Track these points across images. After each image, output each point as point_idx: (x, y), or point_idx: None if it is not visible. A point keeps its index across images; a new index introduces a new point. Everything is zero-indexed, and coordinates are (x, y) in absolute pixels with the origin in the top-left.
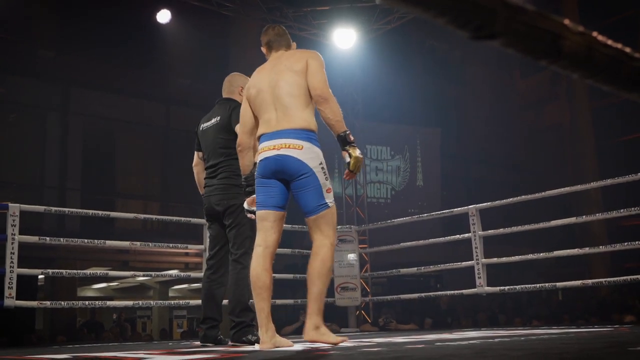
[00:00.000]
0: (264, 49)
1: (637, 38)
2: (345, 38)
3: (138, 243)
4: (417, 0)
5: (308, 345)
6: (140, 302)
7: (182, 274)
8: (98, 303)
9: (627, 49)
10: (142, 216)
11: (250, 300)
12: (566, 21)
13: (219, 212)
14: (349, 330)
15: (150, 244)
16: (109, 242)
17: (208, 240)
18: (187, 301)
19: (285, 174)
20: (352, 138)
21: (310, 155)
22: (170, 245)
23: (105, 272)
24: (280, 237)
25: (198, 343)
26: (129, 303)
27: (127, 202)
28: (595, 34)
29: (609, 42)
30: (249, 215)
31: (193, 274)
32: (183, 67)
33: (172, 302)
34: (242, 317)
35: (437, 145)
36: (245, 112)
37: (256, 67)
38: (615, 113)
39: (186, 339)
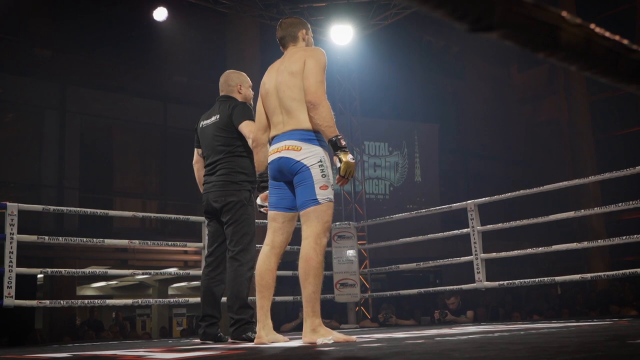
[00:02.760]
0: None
1: (634, 32)
2: (342, 34)
3: (137, 241)
4: None
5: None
6: (140, 301)
7: (181, 271)
8: (97, 302)
9: (625, 41)
10: (140, 214)
11: (250, 298)
12: (564, 13)
13: (217, 209)
14: (349, 326)
15: (148, 242)
16: (108, 241)
17: (207, 237)
18: (186, 299)
19: (285, 174)
20: (343, 143)
21: (307, 154)
22: (169, 243)
23: (104, 270)
24: (290, 237)
25: (198, 341)
26: (128, 301)
27: (126, 201)
28: (593, 25)
29: (607, 34)
30: (261, 210)
31: (192, 272)
32: (180, 65)
33: (172, 300)
34: (241, 314)
35: (435, 141)
36: (260, 110)
37: (253, 64)
38: (613, 106)
39: (186, 337)
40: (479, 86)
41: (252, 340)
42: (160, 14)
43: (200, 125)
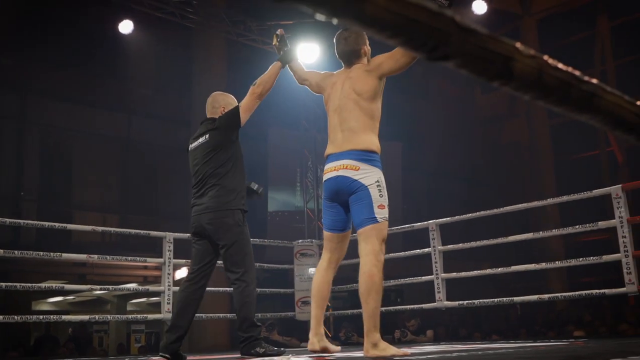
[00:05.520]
0: None
1: (593, 58)
2: (309, 53)
3: (95, 256)
4: (372, 21)
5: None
6: (97, 317)
7: (140, 287)
8: (53, 317)
9: (577, 72)
10: (100, 229)
11: (257, 315)
12: (518, 44)
13: (211, 232)
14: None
15: (107, 257)
16: (65, 255)
17: (193, 255)
18: (145, 315)
19: (343, 193)
20: None
21: (365, 174)
22: (129, 258)
23: (61, 285)
24: (345, 253)
25: (156, 358)
26: (85, 317)
27: (85, 214)
28: (545, 57)
29: (559, 65)
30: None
31: (152, 288)
32: (145, 78)
33: (130, 316)
34: (250, 332)
35: (398, 160)
36: (314, 72)
37: (220, 79)
38: (572, 130)
39: (144, 354)
40: (443, 106)
41: (260, 355)
42: (125, 26)
43: (190, 148)
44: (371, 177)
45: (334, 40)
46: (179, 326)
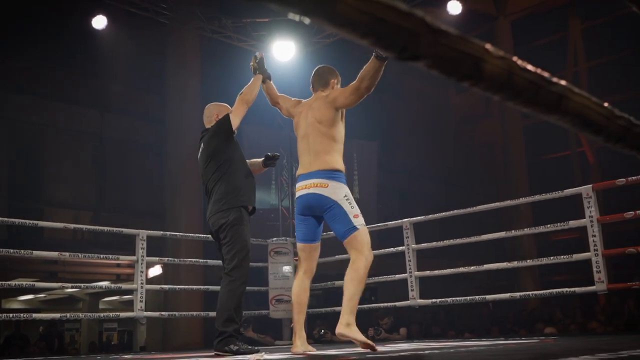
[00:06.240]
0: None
1: (565, 59)
2: (284, 50)
3: (67, 254)
4: (342, 20)
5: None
6: (69, 315)
7: (113, 285)
8: (23, 315)
9: (546, 74)
10: (72, 226)
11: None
12: (487, 45)
13: (213, 232)
14: (283, 343)
15: (79, 254)
16: (37, 253)
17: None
18: (117, 313)
19: (315, 208)
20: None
21: (334, 190)
22: (101, 256)
23: (31, 283)
24: (317, 261)
25: (127, 357)
26: (56, 315)
27: (57, 211)
28: (515, 58)
29: (528, 66)
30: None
31: (124, 286)
32: (118, 74)
33: (102, 314)
34: (226, 327)
35: (374, 159)
36: (285, 97)
37: (194, 76)
38: (545, 131)
39: (116, 353)
40: (418, 106)
41: (234, 353)
42: (99, 22)
43: (198, 159)
44: (339, 192)
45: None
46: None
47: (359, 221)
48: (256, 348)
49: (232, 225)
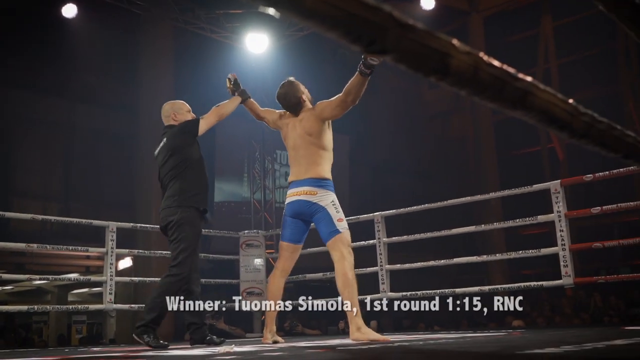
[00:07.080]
0: None
1: (537, 56)
2: (257, 43)
3: (35, 245)
4: (311, 13)
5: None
6: (36, 307)
7: (82, 277)
8: None
9: (511, 70)
10: (40, 217)
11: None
12: (454, 41)
13: (163, 227)
14: (254, 335)
15: (48, 246)
16: (3, 244)
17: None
18: (86, 306)
19: (304, 213)
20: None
21: (322, 197)
22: (70, 248)
23: None
24: (295, 262)
25: (96, 349)
26: (24, 307)
27: (25, 202)
28: (481, 54)
29: (494, 62)
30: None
31: (94, 278)
32: (89, 64)
33: (71, 307)
34: (146, 316)
35: (345, 152)
36: (269, 111)
37: (167, 67)
38: (515, 127)
39: (84, 345)
40: (390, 100)
41: (145, 343)
42: (69, 10)
43: (155, 153)
44: (326, 199)
45: (276, 99)
46: (191, 322)
47: (342, 225)
48: (222, 339)
49: (179, 224)
